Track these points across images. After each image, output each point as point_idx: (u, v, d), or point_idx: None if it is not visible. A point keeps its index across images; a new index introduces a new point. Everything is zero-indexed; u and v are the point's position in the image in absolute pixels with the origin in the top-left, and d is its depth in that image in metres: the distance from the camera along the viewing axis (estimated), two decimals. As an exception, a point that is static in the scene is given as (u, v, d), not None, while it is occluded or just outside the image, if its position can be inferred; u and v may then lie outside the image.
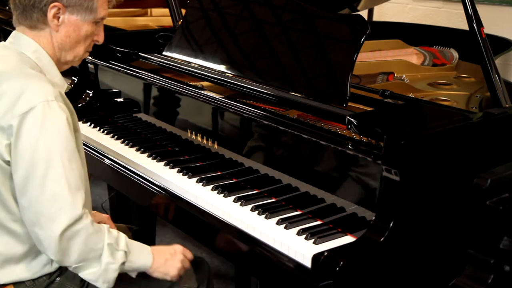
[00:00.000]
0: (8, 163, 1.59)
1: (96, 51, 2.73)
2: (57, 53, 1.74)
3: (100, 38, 1.81)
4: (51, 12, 1.67)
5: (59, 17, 1.69)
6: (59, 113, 1.59)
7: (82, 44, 1.76)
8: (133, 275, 1.72)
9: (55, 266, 1.72)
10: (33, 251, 1.68)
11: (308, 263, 1.55)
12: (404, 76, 2.48)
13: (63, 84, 1.76)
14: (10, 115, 1.56)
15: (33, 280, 1.70)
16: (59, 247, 1.56)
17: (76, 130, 1.72)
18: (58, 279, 1.73)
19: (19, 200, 1.60)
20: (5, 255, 1.67)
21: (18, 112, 1.55)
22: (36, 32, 1.71)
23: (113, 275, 1.64)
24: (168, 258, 1.76)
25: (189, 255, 1.84)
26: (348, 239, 1.66)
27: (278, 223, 1.74)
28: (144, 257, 1.72)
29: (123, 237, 1.68)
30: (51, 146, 1.56)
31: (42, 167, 1.55)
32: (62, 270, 1.74)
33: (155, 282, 1.79)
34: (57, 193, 1.56)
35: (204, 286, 1.92)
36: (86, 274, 1.64)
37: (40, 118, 1.55)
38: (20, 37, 1.72)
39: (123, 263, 1.65)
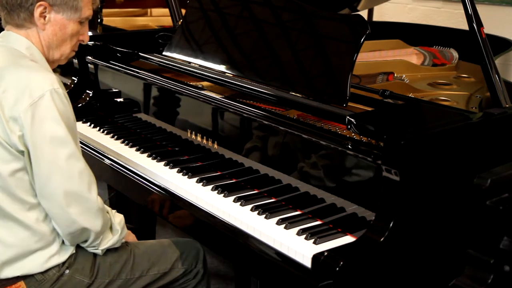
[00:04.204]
0: (22, 153, 1.64)
1: (96, 51, 2.76)
2: (46, 52, 1.79)
3: (85, 38, 1.86)
4: (37, 11, 1.72)
5: (45, 16, 1.74)
6: (65, 98, 1.68)
7: (69, 43, 1.81)
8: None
9: (63, 256, 1.75)
10: (45, 241, 1.71)
11: (308, 263, 1.55)
12: (404, 76, 2.48)
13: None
14: (20, 106, 1.61)
15: (43, 273, 1.72)
16: (101, 216, 1.71)
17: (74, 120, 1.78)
18: (67, 271, 1.76)
19: (42, 190, 1.65)
20: (19, 247, 1.69)
21: (28, 103, 1.61)
22: (24, 31, 1.76)
23: (125, 232, 1.86)
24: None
25: None
26: (348, 239, 1.66)
27: (278, 223, 1.74)
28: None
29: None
30: (66, 129, 1.64)
31: (65, 151, 1.64)
32: (71, 263, 1.77)
33: (157, 263, 1.92)
34: (82, 169, 1.68)
35: (201, 264, 2.00)
36: (108, 242, 1.79)
37: (51, 105, 1.62)
38: (10, 35, 1.77)
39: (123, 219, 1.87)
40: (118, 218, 1.84)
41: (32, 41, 1.76)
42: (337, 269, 1.46)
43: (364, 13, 3.28)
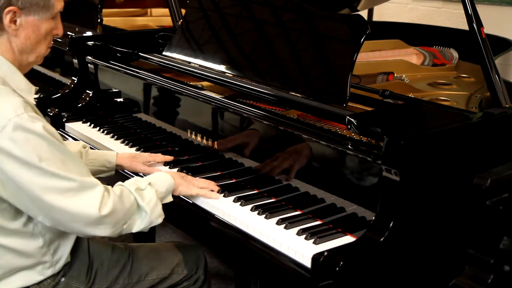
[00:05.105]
0: None
1: (96, 51, 2.76)
2: (18, 57, 1.64)
3: (59, 31, 1.71)
4: (7, 18, 1.58)
5: (15, 21, 1.59)
6: (33, 123, 1.51)
7: (44, 43, 1.67)
8: (169, 199, 1.80)
9: (58, 267, 1.71)
10: (33, 259, 1.65)
11: (308, 263, 1.55)
12: (404, 76, 2.48)
13: (30, 88, 1.67)
14: None
15: (38, 284, 1.69)
16: (107, 224, 1.58)
17: None
18: (63, 279, 1.73)
19: (37, 217, 1.57)
20: (6, 267, 1.63)
21: None
22: None
23: (159, 208, 1.71)
24: (183, 175, 1.89)
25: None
26: (348, 239, 1.66)
27: (278, 223, 1.74)
28: (164, 178, 1.80)
29: (137, 178, 1.76)
30: (40, 157, 1.49)
31: (46, 178, 1.50)
32: (66, 271, 1.74)
33: (157, 268, 1.89)
34: (72, 188, 1.53)
35: (202, 270, 1.97)
36: (139, 226, 1.67)
37: (16, 135, 1.48)
38: None
39: (156, 192, 1.72)
40: (148, 197, 1.68)
41: (0, 50, 1.61)
42: (337, 269, 1.46)
43: (364, 13, 3.29)
